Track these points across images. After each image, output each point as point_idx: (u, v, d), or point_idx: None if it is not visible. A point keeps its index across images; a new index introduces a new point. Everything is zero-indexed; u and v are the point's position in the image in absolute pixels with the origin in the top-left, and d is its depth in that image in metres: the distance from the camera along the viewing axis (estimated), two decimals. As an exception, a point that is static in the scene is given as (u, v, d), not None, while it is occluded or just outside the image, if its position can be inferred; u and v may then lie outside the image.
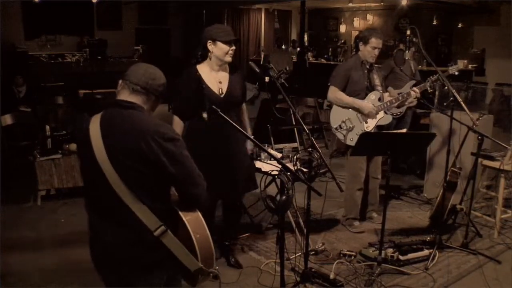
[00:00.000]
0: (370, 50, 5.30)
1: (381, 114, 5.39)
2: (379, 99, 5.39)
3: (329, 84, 5.47)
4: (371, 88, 5.40)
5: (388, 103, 5.40)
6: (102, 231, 2.55)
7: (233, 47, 4.17)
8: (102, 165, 2.42)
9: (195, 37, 4.21)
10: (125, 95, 2.55)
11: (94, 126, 2.49)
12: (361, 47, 5.37)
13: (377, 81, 5.46)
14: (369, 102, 5.35)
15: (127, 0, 14.71)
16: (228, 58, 4.16)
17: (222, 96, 4.19)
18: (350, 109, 5.38)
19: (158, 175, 2.46)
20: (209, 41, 4.10)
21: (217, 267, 2.65)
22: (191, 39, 15.53)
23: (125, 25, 15.28)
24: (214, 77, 4.20)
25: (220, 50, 4.11)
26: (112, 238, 2.51)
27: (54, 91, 10.21)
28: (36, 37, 13.67)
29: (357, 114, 5.37)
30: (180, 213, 2.56)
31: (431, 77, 5.44)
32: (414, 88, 5.47)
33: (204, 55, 4.20)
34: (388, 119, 5.47)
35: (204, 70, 4.18)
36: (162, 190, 2.56)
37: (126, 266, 2.54)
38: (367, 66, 5.41)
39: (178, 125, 4.20)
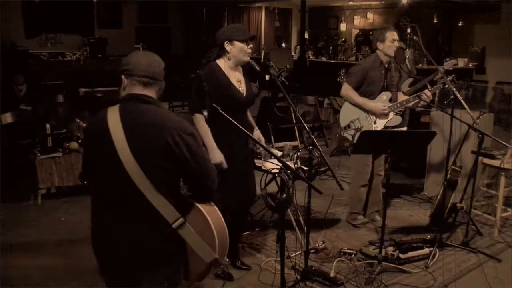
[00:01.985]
0: (390, 44, 5.29)
1: (391, 115, 5.38)
2: (390, 100, 5.38)
3: (343, 79, 5.50)
4: (386, 88, 5.40)
5: (398, 105, 5.38)
6: (114, 226, 2.54)
7: (251, 45, 4.14)
8: (122, 156, 2.43)
9: (196, 35, 4.20)
10: (139, 90, 2.55)
11: (114, 118, 2.50)
12: (380, 46, 5.35)
13: (394, 79, 5.46)
14: (380, 102, 5.34)
15: (127, -2, 14.73)
16: (246, 57, 4.11)
17: (244, 95, 4.17)
18: (359, 109, 5.38)
19: (178, 169, 2.49)
20: (226, 42, 4.05)
21: (227, 259, 2.66)
22: (192, 37, 15.53)
23: (125, 23, 15.28)
24: (234, 76, 4.16)
25: (238, 49, 4.06)
26: (125, 233, 2.51)
27: (55, 90, 10.21)
28: (36, 36, 13.67)
29: (367, 114, 5.36)
30: (199, 206, 2.60)
31: (440, 80, 5.43)
32: (426, 91, 5.44)
33: (218, 56, 4.14)
34: (397, 121, 5.44)
35: (224, 67, 4.12)
36: (176, 183, 2.59)
37: (134, 261, 2.54)
38: (385, 66, 5.39)
39: (203, 121, 3.98)
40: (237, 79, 4.17)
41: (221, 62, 4.13)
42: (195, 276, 2.68)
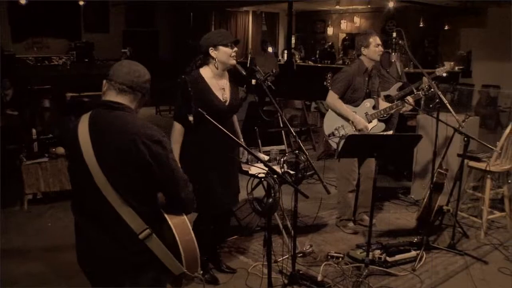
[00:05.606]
0: (374, 49, 5.29)
1: (374, 122, 5.40)
2: (374, 107, 5.41)
3: (329, 87, 5.49)
4: (369, 94, 5.42)
5: (382, 111, 5.41)
6: (88, 233, 2.55)
7: (235, 49, 4.13)
8: (89, 165, 2.42)
9: (183, 39, 4.20)
10: (112, 96, 2.54)
11: (83, 127, 2.49)
12: (365, 51, 5.34)
13: (374, 86, 5.48)
14: (364, 109, 5.36)
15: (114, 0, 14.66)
16: (233, 61, 4.10)
17: (226, 103, 4.15)
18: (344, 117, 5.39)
19: (145, 178, 2.46)
20: (210, 48, 4.03)
21: (201, 272, 2.64)
22: (179, 41, 15.52)
23: (112, 27, 15.25)
24: (217, 84, 4.13)
25: (223, 54, 4.05)
26: (97, 241, 2.51)
27: (41, 94, 10.15)
28: (23, 40, 13.61)
29: (351, 121, 5.38)
30: (166, 216, 2.56)
31: (423, 85, 5.47)
32: (408, 97, 5.50)
33: (202, 63, 4.13)
34: (381, 127, 5.45)
35: (207, 76, 4.10)
36: (148, 193, 2.55)
37: (110, 268, 2.54)
38: (369, 73, 5.42)
39: (179, 132, 4.07)
40: (220, 87, 4.15)
41: (205, 70, 4.11)
42: (173, 283, 2.68)
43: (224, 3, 15.49)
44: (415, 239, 5.20)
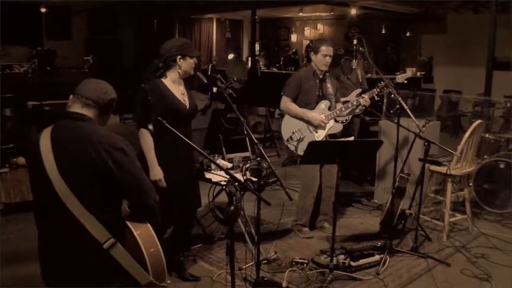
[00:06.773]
0: (321, 58, 5.40)
1: (331, 122, 5.48)
2: (329, 108, 5.47)
3: (282, 93, 5.58)
4: (323, 97, 5.49)
5: (338, 112, 5.48)
6: (51, 244, 2.53)
7: (196, 60, 4.29)
8: (51, 176, 2.41)
9: (147, 47, 4.24)
10: (77, 108, 2.56)
11: (45, 138, 2.49)
12: (313, 57, 5.51)
13: (330, 90, 5.55)
14: (319, 111, 5.43)
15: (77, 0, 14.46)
16: (192, 72, 4.28)
17: (188, 108, 4.25)
18: (300, 120, 5.44)
19: (108, 186, 2.46)
20: (179, 56, 4.15)
21: (168, 281, 2.63)
22: (142, 49, 15.40)
23: (74, 35, 15.07)
24: (177, 89, 4.24)
25: (189, 64, 4.21)
26: (61, 251, 2.49)
27: (2, 103, 9.97)
28: (-18, 48, 13.37)
29: (307, 124, 5.44)
30: (131, 227, 2.55)
31: (380, 83, 5.54)
32: (364, 96, 5.57)
33: (165, 69, 4.20)
34: (338, 128, 5.55)
35: (167, 83, 4.20)
36: (112, 202, 2.55)
37: (74, 280, 2.50)
38: (320, 76, 5.49)
39: (150, 138, 4.06)
40: (181, 92, 4.26)
41: (165, 79, 4.20)
42: None
43: (188, 11, 15.44)
44: (379, 243, 5.25)
